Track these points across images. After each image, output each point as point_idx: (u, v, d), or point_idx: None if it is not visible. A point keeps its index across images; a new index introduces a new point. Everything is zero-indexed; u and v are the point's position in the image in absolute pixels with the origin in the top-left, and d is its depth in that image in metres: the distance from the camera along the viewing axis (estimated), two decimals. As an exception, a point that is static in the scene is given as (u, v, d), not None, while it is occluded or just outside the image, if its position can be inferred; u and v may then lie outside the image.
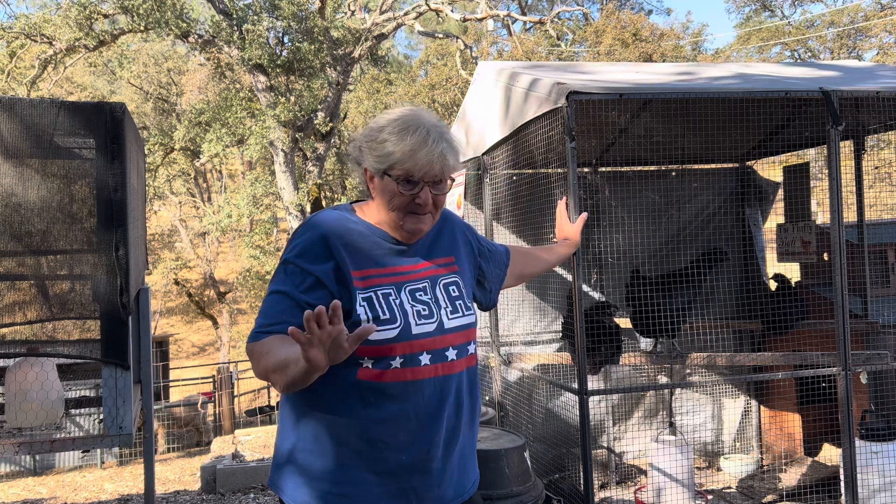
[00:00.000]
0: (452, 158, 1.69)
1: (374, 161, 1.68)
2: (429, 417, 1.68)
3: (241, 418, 14.04)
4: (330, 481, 1.67)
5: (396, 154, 1.64)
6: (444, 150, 1.67)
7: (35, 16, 15.11)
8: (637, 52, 19.46)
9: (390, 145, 1.66)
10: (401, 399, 1.65)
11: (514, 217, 4.55)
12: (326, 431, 1.68)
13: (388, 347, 1.63)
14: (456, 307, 1.77)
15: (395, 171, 1.65)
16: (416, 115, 1.70)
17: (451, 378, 1.73)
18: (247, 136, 14.70)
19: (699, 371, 5.15)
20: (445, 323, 1.72)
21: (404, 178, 1.66)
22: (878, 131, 4.51)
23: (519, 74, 3.77)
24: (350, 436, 1.66)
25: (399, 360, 1.64)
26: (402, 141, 1.65)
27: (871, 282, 4.61)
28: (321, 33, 14.72)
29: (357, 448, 1.66)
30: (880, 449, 3.70)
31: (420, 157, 1.63)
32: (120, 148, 2.83)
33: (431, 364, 1.68)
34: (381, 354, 1.63)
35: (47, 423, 3.01)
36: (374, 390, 1.64)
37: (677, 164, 5.25)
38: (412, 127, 1.66)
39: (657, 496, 4.04)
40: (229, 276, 28.76)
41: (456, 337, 1.74)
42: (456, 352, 1.74)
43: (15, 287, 2.88)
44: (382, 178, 1.68)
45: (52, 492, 8.06)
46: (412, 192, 1.67)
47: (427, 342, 1.68)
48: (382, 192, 1.70)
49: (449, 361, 1.72)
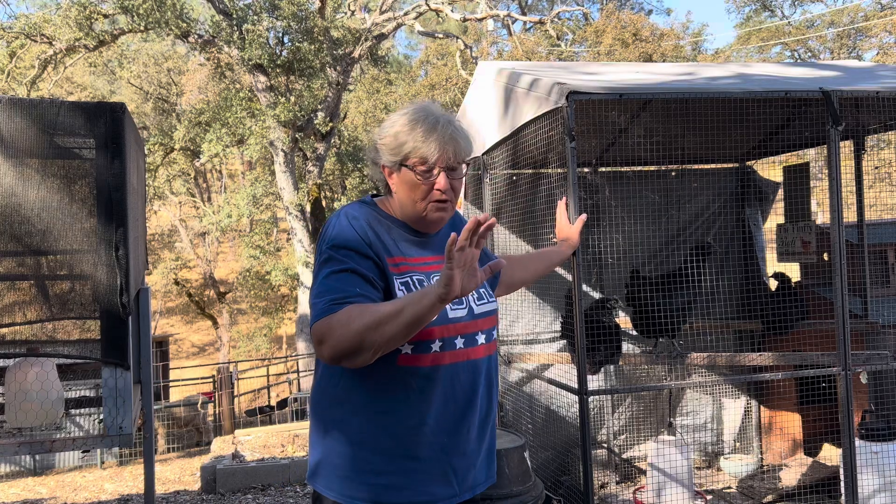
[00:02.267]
0: (464, 141, 1.78)
1: (390, 155, 1.77)
2: (466, 399, 1.76)
3: (241, 418, 14.04)
4: (375, 472, 1.71)
5: (409, 143, 1.73)
6: (453, 133, 1.75)
7: (35, 16, 15.11)
8: (637, 52, 19.47)
9: (402, 136, 1.74)
10: (442, 382, 1.72)
11: (514, 217, 4.55)
12: (369, 422, 1.72)
13: (429, 331, 1.68)
14: (481, 294, 1.84)
15: (411, 159, 1.73)
16: (424, 107, 1.79)
17: (482, 361, 1.81)
18: (247, 136, 14.69)
19: (699, 371, 5.15)
20: (475, 308, 1.80)
21: (421, 166, 1.73)
22: (878, 131, 4.51)
23: (519, 74, 3.77)
24: (394, 423, 1.71)
25: (438, 344, 1.70)
26: (414, 130, 1.74)
27: (871, 282, 4.61)
28: (321, 33, 14.72)
29: (400, 435, 1.71)
30: (880, 449, 3.70)
31: (432, 142, 1.72)
32: (120, 148, 2.83)
33: (465, 348, 1.75)
34: (422, 338, 1.68)
35: (47, 423, 3.01)
36: (417, 375, 1.70)
37: (677, 164, 5.25)
38: (422, 117, 1.76)
39: (656, 496, 4.04)
40: (229, 276, 28.78)
41: (484, 322, 1.82)
42: (485, 336, 1.82)
43: (15, 287, 2.88)
44: (400, 171, 1.76)
45: (52, 492, 8.06)
46: (430, 180, 1.74)
47: (461, 326, 1.75)
48: (402, 185, 1.77)
49: (479, 345, 1.79)
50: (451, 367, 1.73)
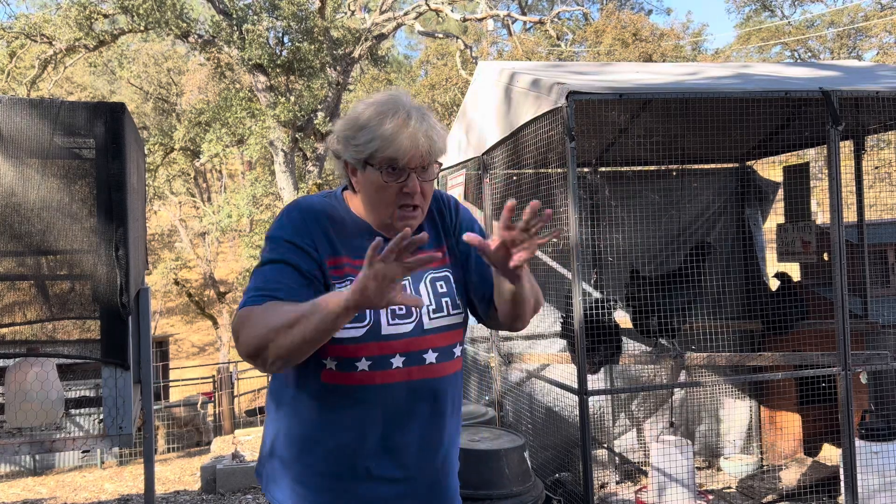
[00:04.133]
0: (438, 138, 1.54)
1: (354, 151, 1.53)
2: (398, 424, 1.55)
3: (240, 418, 14.04)
4: (304, 485, 1.58)
5: (377, 140, 1.49)
6: (427, 130, 1.52)
7: (35, 16, 15.12)
8: (637, 52, 19.47)
9: (368, 132, 1.51)
10: (367, 404, 1.53)
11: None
12: (298, 433, 1.59)
13: (353, 348, 1.50)
14: (441, 305, 1.60)
15: (378, 158, 1.50)
16: (394, 98, 1.55)
17: (428, 382, 1.57)
18: (247, 136, 14.69)
19: (699, 371, 5.15)
20: (425, 323, 1.57)
21: (388, 166, 1.50)
22: (878, 131, 4.51)
23: (519, 74, 3.77)
24: (320, 439, 1.56)
25: (366, 363, 1.51)
26: (382, 125, 1.49)
27: (871, 282, 4.61)
28: (321, 33, 14.73)
29: (326, 454, 1.56)
30: (880, 449, 3.70)
31: (403, 140, 1.49)
32: (120, 148, 2.83)
33: (405, 367, 1.54)
34: (346, 355, 1.50)
35: (47, 423, 3.01)
36: (338, 393, 1.53)
37: (677, 164, 5.25)
38: (391, 110, 1.51)
39: (658, 496, 4.04)
40: (229, 276, 28.75)
41: (438, 338, 1.59)
42: (437, 354, 1.58)
43: (15, 287, 2.88)
44: (365, 170, 1.53)
45: (52, 492, 8.06)
46: (399, 182, 1.51)
47: (400, 344, 1.53)
48: (366, 186, 1.54)
49: (427, 365, 1.56)
50: (382, 388, 1.52)
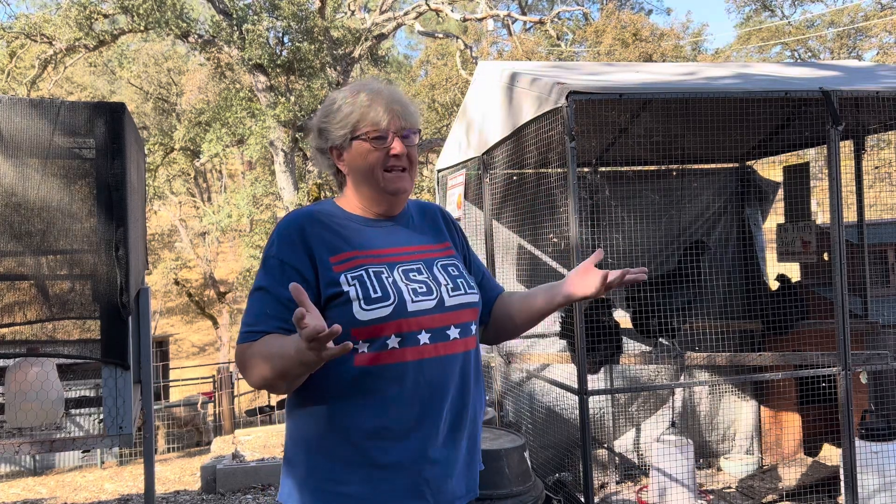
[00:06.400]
0: (409, 103, 1.71)
1: (338, 128, 1.68)
2: (431, 400, 1.61)
3: (241, 418, 14.04)
4: (335, 481, 1.60)
5: (356, 112, 1.66)
6: (398, 96, 1.70)
7: (35, 16, 15.13)
8: (637, 52, 19.46)
9: (347, 107, 1.67)
10: (401, 382, 1.58)
11: (514, 217, 4.55)
12: (327, 427, 1.61)
13: (382, 326, 1.57)
14: (458, 284, 1.70)
15: (362, 128, 1.65)
16: (363, 81, 1.74)
17: (455, 358, 1.65)
18: (247, 136, 14.70)
19: (699, 371, 5.15)
20: (447, 300, 1.65)
21: (373, 134, 1.65)
22: (878, 131, 4.51)
23: (519, 74, 3.77)
24: (351, 429, 1.59)
25: (396, 340, 1.58)
26: (357, 98, 1.67)
27: (871, 282, 4.61)
28: (321, 33, 14.73)
29: (359, 441, 1.59)
30: (880, 449, 3.70)
31: (379, 106, 1.65)
32: (120, 148, 2.83)
33: (431, 343, 1.61)
34: (377, 335, 1.57)
35: (47, 423, 3.01)
36: (373, 375, 1.58)
37: (677, 164, 5.25)
38: (361, 87, 1.70)
39: (659, 496, 4.04)
40: (229, 276, 28.76)
41: (458, 315, 1.67)
42: (459, 330, 1.66)
43: (15, 287, 2.88)
44: (351, 145, 1.67)
45: (52, 492, 8.06)
46: (385, 145, 1.65)
47: (426, 320, 1.61)
48: (356, 159, 1.68)
49: (451, 340, 1.64)
50: (414, 364, 1.59)
